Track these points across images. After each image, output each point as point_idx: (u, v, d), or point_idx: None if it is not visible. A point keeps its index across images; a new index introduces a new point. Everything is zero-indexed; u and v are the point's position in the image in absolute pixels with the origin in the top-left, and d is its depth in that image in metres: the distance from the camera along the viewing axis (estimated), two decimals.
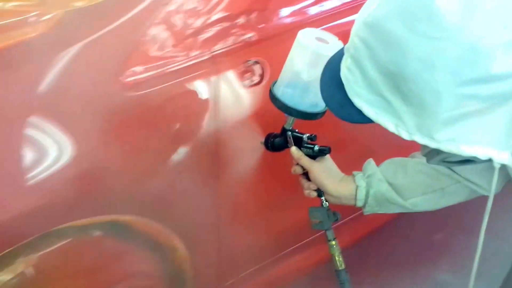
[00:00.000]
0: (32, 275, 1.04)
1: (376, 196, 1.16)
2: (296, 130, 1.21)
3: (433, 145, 0.76)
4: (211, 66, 1.22)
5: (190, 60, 1.20)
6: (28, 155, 1.00)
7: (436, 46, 0.69)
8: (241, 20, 1.27)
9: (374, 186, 1.16)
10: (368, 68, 0.76)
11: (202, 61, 1.21)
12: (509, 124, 0.73)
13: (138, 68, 1.15)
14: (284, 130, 1.21)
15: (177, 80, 1.18)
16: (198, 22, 1.21)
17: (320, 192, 1.20)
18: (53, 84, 1.06)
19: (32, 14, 1.11)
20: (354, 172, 1.20)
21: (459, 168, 1.10)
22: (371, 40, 0.74)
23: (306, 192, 1.22)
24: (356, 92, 0.79)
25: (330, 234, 1.19)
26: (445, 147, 0.76)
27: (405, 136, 0.77)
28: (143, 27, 1.16)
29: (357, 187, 1.17)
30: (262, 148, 1.25)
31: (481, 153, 0.75)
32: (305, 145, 1.19)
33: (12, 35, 1.08)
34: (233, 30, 1.26)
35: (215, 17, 1.23)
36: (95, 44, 1.10)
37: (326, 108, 1.07)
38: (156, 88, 1.15)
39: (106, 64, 1.12)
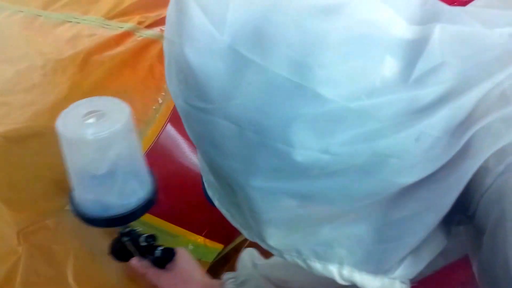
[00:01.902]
0: None
1: None
2: (137, 230, 0.82)
3: (276, 253, 0.54)
4: None
5: None
6: None
7: (211, 121, 0.43)
8: None
9: None
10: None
11: None
12: (377, 234, 0.48)
13: None
14: (120, 236, 0.82)
15: None
16: None
17: None
18: None
19: None
20: (225, 276, 0.86)
21: None
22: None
23: None
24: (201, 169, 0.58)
25: None
26: (290, 258, 0.53)
27: (248, 237, 0.56)
28: None
29: None
30: None
31: (339, 276, 0.51)
32: (147, 251, 0.83)
33: None
34: None
35: None
36: None
37: (147, 198, 0.71)
38: None
39: None
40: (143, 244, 0.82)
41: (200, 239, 0.91)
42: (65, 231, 0.83)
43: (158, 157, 0.93)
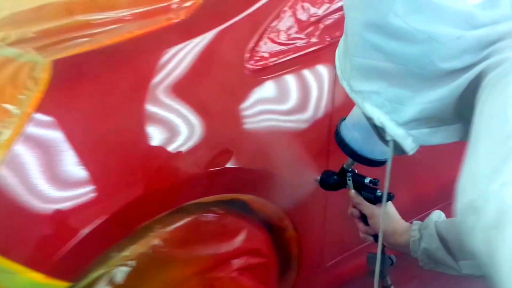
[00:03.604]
0: (162, 248, 1.11)
1: (427, 252, 1.07)
2: (356, 171, 1.13)
3: (348, 91, 0.77)
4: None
5: (312, 46, 1.23)
6: (161, 137, 1.06)
7: None
8: None
9: (425, 241, 1.07)
10: None
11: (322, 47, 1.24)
12: (412, 99, 0.68)
13: (264, 55, 1.19)
14: (343, 171, 1.14)
15: (298, 67, 1.22)
16: (321, 11, 1.24)
17: (377, 238, 1.10)
18: (188, 68, 1.11)
19: (175, 0, 1.17)
20: (415, 222, 1.12)
21: None
22: None
23: (362, 236, 1.17)
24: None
25: (386, 281, 1.11)
26: (355, 97, 0.75)
27: (341, 78, 0.79)
28: (270, 15, 1.19)
29: (411, 237, 1.10)
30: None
31: (377, 118, 0.72)
32: (366, 189, 1.11)
33: (159, 20, 1.14)
34: None
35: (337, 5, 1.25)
36: (227, 31, 1.15)
37: (384, 159, 1.01)
38: (279, 73, 1.19)
39: (235, 51, 1.17)
40: (367, 183, 1.10)
41: (40, 276, 0.84)
42: None
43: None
